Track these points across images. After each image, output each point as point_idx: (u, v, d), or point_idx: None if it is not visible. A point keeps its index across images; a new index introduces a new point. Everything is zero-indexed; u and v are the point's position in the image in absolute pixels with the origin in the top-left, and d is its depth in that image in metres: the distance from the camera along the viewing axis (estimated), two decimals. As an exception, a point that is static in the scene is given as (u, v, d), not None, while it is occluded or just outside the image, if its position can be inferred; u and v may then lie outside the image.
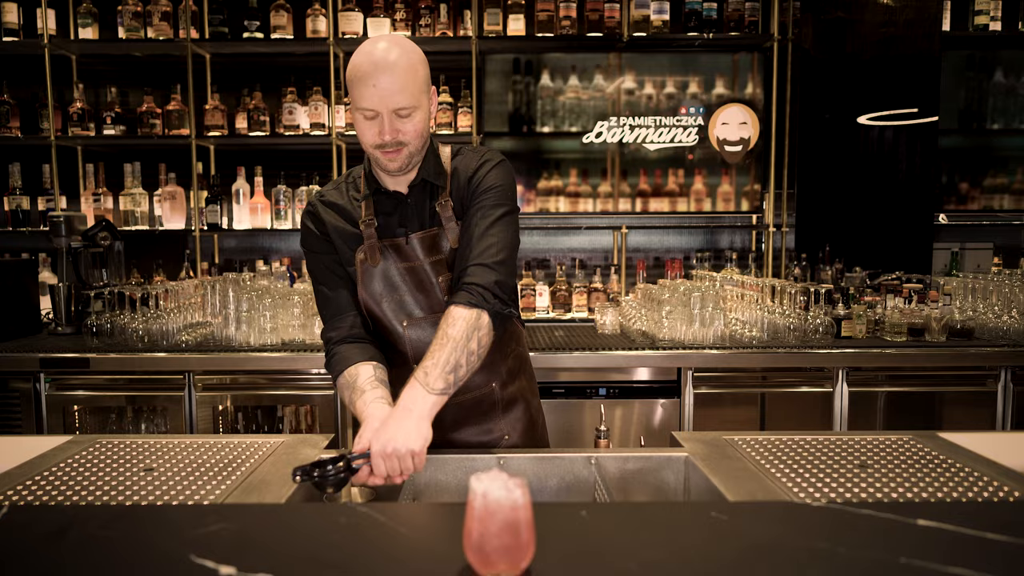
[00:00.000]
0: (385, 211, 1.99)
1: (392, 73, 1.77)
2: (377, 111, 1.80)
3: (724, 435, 1.96)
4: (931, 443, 1.86)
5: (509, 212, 1.96)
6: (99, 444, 1.90)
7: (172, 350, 3.36)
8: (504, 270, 1.88)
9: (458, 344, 1.76)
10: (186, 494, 1.55)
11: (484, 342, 1.82)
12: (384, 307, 1.98)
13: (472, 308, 1.80)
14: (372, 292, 1.98)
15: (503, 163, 2.01)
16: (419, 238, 1.96)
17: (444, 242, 1.96)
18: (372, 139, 1.84)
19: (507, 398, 2.10)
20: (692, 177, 4.40)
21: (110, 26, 4.44)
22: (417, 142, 1.87)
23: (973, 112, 4.53)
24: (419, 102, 1.83)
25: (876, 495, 1.51)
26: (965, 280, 3.67)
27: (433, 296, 1.97)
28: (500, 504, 1.01)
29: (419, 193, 1.98)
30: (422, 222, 1.98)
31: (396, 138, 1.82)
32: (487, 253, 1.87)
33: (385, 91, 1.77)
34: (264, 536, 1.20)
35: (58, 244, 3.81)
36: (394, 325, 1.98)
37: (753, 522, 1.24)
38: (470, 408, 2.06)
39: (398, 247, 1.96)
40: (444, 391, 1.73)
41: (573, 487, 1.87)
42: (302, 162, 4.55)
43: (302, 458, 1.79)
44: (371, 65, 1.78)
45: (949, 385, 3.43)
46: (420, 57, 1.86)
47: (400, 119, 1.82)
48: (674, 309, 3.42)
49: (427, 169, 1.97)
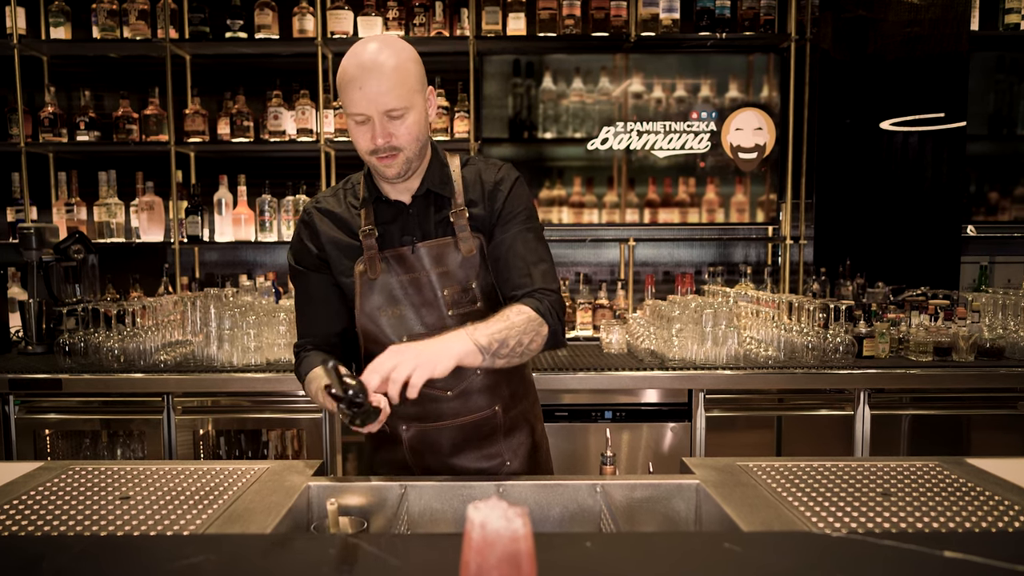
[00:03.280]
0: (385, 220, 2.01)
1: (380, 73, 1.80)
2: (367, 115, 1.83)
3: (738, 461, 1.97)
4: (958, 469, 1.87)
5: (542, 231, 2.07)
6: (72, 471, 1.91)
7: (150, 371, 3.37)
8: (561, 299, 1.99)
9: (514, 327, 1.82)
10: (165, 524, 1.55)
11: (533, 347, 1.88)
12: (382, 323, 2.00)
13: (539, 314, 1.88)
14: (371, 307, 2.00)
15: (521, 178, 2.09)
16: (427, 247, 1.98)
17: (454, 253, 1.99)
18: (366, 145, 1.87)
19: (509, 422, 2.11)
20: (704, 186, 4.43)
21: (84, 25, 4.47)
22: (413, 146, 1.89)
23: (1003, 117, 4.56)
24: (411, 103, 1.85)
25: (900, 525, 1.52)
26: (995, 296, 3.68)
27: (436, 309, 1.99)
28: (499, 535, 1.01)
29: (422, 203, 2.02)
30: (426, 232, 2.00)
31: (389, 142, 1.85)
32: (548, 278, 1.99)
33: (373, 92, 1.80)
34: (249, 568, 1.21)
35: (28, 257, 3.83)
36: (391, 341, 1.97)
37: (769, 553, 1.25)
38: (470, 431, 2.07)
39: (401, 257, 1.98)
40: (482, 348, 1.75)
41: (577, 516, 1.88)
42: (288, 170, 4.57)
43: (288, 486, 1.80)
44: (358, 67, 1.81)
45: (977, 408, 3.43)
46: (411, 55, 1.88)
47: (392, 121, 1.84)
48: (684, 327, 3.43)
49: (432, 179, 2.00)
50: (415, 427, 2.06)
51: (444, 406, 2.03)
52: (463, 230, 1.98)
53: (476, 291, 1.99)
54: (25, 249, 3.81)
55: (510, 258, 1.99)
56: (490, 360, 1.79)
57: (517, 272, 1.97)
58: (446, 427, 2.03)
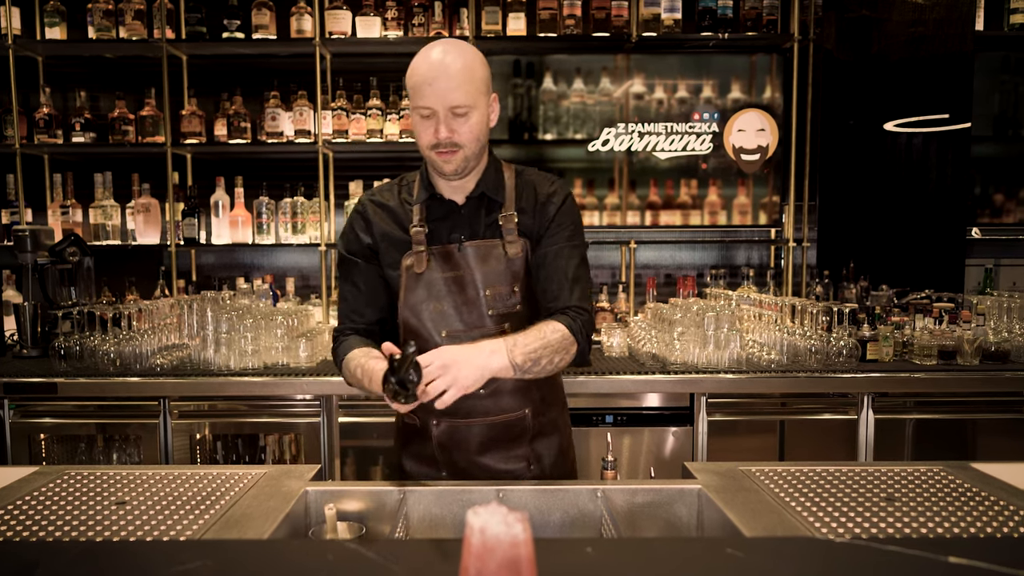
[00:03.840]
0: (436, 218, 2.13)
1: (448, 71, 1.94)
2: (433, 109, 1.95)
3: (740, 466, 1.97)
4: (963, 474, 1.87)
5: (585, 250, 2.19)
6: (67, 475, 1.91)
7: (146, 374, 3.37)
8: (593, 320, 2.12)
9: (549, 346, 1.96)
10: (161, 529, 1.56)
11: (562, 365, 2.02)
12: (424, 317, 2.09)
13: (571, 333, 2.01)
14: (414, 300, 2.09)
15: (572, 195, 2.21)
16: (474, 247, 2.08)
17: (500, 254, 2.08)
18: (428, 139, 1.99)
19: (538, 426, 2.19)
20: (706, 188, 4.43)
21: (79, 25, 4.47)
22: (473, 145, 2.01)
23: (1009, 118, 4.56)
24: (476, 103, 1.98)
25: (904, 530, 1.52)
26: (1000, 299, 3.68)
27: (476, 308, 2.07)
28: (499, 540, 1.01)
29: (474, 205, 2.13)
30: (475, 232, 2.11)
31: (451, 138, 1.97)
32: (584, 297, 2.10)
33: (441, 88, 1.94)
34: (245, 574, 1.21)
35: (23, 260, 3.83)
36: (432, 336, 2.08)
37: (771, 559, 1.25)
38: (499, 431, 2.14)
39: (448, 254, 2.08)
40: (516, 366, 1.90)
41: (578, 521, 1.88)
42: (286, 172, 4.58)
43: (286, 491, 1.80)
44: (428, 64, 1.95)
45: (982, 412, 3.44)
46: (479, 59, 2.02)
47: (456, 118, 1.97)
48: (686, 330, 3.43)
49: (487, 182, 2.12)
50: (446, 422, 2.13)
51: (476, 403, 2.10)
52: (511, 234, 2.09)
53: (518, 294, 2.09)
54: (20, 251, 3.82)
55: (551, 270, 2.10)
56: (519, 375, 1.92)
57: (556, 284, 2.09)
58: (476, 424, 2.12)
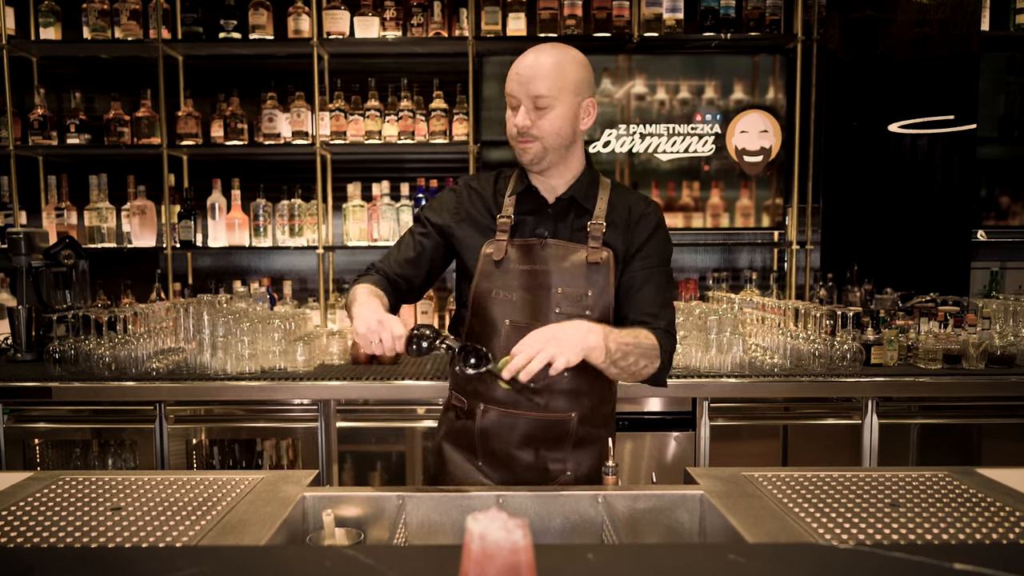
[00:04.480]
0: (525, 211, 2.20)
1: (537, 64, 2.04)
2: (517, 97, 2.06)
3: (743, 471, 1.97)
4: (969, 480, 1.87)
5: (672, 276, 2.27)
6: (62, 481, 1.91)
7: (142, 378, 3.37)
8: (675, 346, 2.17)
9: (640, 346, 2.00)
10: (157, 535, 1.56)
11: (643, 373, 2.06)
12: (492, 303, 2.14)
13: (660, 348, 2.06)
14: (486, 286, 2.14)
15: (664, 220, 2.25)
16: (556, 245, 2.14)
17: (579, 257, 2.12)
18: (511, 127, 2.09)
19: (582, 432, 2.19)
20: (708, 190, 4.43)
21: (74, 26, 4.48)
22: (551, 139, 2.07)
23: (1014, 119, 4.56)
24: (560, 98, 2.05)
25: (909, 536, 1.52)
26: (1006, 302, 3.69)
27: (545, 303, 2.11)
28: (499, 546, 1.01)
29: (564, 206, 2.19)
30: (559, 232, 2.16)
31: (529, 129, 2.05)
32: (671, 323, 2.16)
33: (525, 77, 2.04)
34: (243, 581, 1.21)
35: (17, 263, 3.83)
36: (496, 322, 2.14)
37: (774, 566, 1.25)
38: (543, 429, 2.16)
39: (529, 247, 2.14)
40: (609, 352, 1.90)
41: (579, 527, 1.88)
42: (283, 174, 4.58)
43: (283, 496, 1.80)
44: (523, 60, 2.07)
45: (988, 417, 3.44)
46: (576, 60, 2.09)
47: (537, 111, 2.05)
48: (689, 334, 3.43)
49: (579, 188, 2.19)
50: (493, 410, 2.16)
51: (525, 394, 2.13)
52: (595, 241, 2.13)
53: (590, 300, 2.11)
54: (14, 255, 3.82)
55: (645, 291, 2.15)
56: (607, 365, 1.93)
57: (649, 304, 2.14)
58: (521, 416, 2.15)
